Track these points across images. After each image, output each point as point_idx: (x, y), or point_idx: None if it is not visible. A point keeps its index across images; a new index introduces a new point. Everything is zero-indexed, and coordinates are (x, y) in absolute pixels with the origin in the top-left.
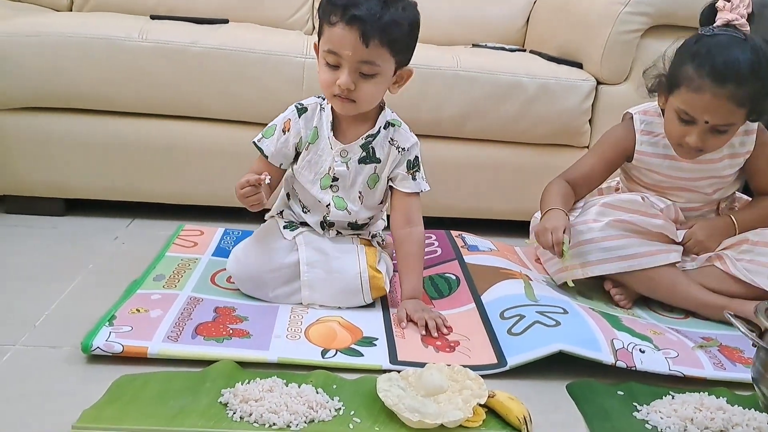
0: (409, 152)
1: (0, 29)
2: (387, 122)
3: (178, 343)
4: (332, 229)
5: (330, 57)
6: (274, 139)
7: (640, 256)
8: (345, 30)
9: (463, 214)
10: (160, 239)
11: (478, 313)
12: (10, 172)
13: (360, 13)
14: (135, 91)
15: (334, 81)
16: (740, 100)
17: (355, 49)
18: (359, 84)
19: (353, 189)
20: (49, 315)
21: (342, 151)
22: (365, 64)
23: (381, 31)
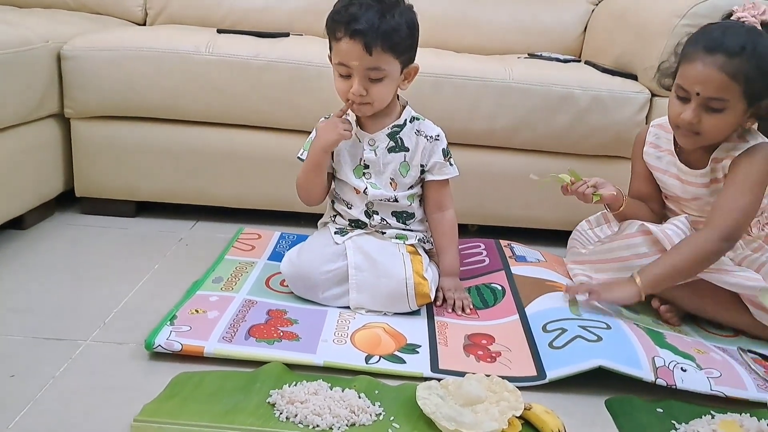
0: (440, 141)
1: (81, 44)
2: (411, 116)
3: (231, 343)
4: (377, 216)
5: (341, 68)
6: None
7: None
8: (350, 43)
9: (514, 223)
10: (220, 241)
11: (521, 325)
12: (87, 176)
13: (360, 26)
14: (202, 101)
15: (348, 89)
16: (732, 73)
17: (360, 58)
18: (370, 88)
19: (384, 175)
20: (117, 312)
21: (370, 140)
22: (372, 71)
23: (382, 39)
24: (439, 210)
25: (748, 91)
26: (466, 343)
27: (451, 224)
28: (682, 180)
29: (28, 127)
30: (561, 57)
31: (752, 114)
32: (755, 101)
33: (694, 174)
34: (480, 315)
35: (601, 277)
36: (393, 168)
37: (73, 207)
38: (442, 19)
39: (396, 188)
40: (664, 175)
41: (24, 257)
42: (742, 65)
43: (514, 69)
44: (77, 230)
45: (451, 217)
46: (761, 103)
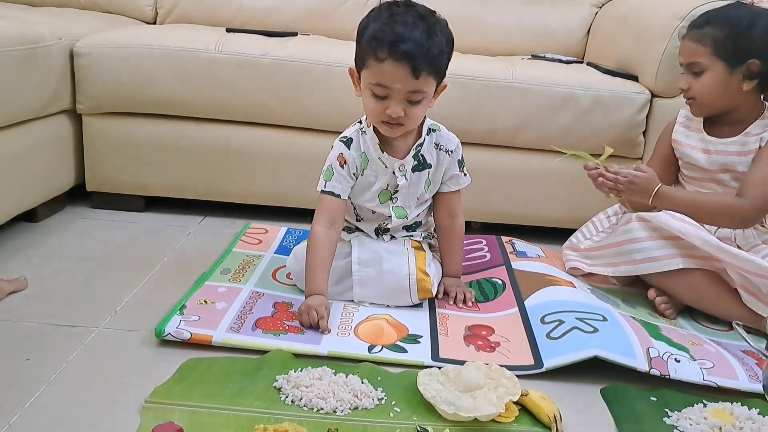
0: (456, 152)
1: (95, 41)
2: (428, 128)
3: (239, 333)
4: (386, 234)
5: (378, 89)
6: (339, 177)
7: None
8: (395, 66)
9: (515, 220)
10: (228, 236)
11: (521, 317)
12: (98, 171)
13: (409, 48)
14: (211, 99)
15: (383, 110)
16: (698, 38)
17: (405, 82)
18: (408, 110)
19: (412, 196)
20: (128, 301)
21: (400, 166)
22: (414, 94)
23: (429, 62)
24: (450, 217)
25: (718, 51)
26: (467, 333)
27: (460, 232)
28: (709, 151)
29: (41, 122)
30: (563, 58)
31: (746, 76)
32: (734, 61)
33: (723, 143)
34: (480, 308)
35: (595, 264)
36: (420, 187)
37: (84, 201)
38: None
39: (418, 203)
40: (692, 150)
41: (37, 248)
42: (708, 31)
43: (516, 69)
44: (88, 223)
45: (461, 225)
46: (747, 64)
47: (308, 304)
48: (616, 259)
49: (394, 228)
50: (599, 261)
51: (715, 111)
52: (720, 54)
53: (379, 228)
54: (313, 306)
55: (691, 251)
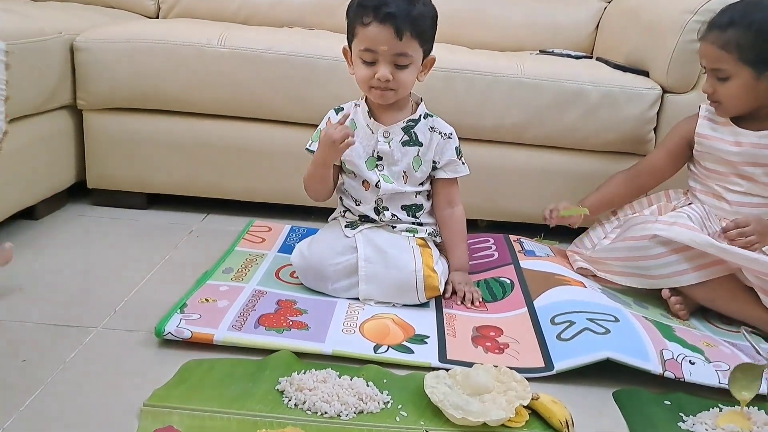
0: (452, 139)
1: (95, 36)
2: (425, 113)
3: (241, 331)
4: (387, 212)
5: (367, 54)
6: None
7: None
8: (379, 27)
9: (523, 218)
10: (231, 234)
11: (530, 318)
12: (99, 168)
13: (392, 10)
14: (213, 94)
15: (373, 75)
16: (722, 44)
17: (390, 43)
18: (396, 74)
19: (397, 167)
20: (128, 301)
21: (384, 131)
22: (400, 56)
23: (411, 24)
24: (449, 206)
25: (743, 57)
26: (474, 334)
27: (461, 221)
28: (741, 144)
29: (41, 117)
30: (573, 53)
31: None
32: (762, 65)
33: (756, 135)
34: (489, 308)
35: (604, 271)
36: (406, 161)
37: (85, 198)
38: (456, 16)
39: (407, 182)
40: (722, 143)
41: (36, 246)
42: (732, 36)
43: (525, 64)
44: (89, 221)
45: (461, 214)
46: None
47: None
48: (627, 271)
49: (392, 205)
50: (609, 269)
51: (742, 112)
52: (746, 60)
53: (378, 207)
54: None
55: (704, 260)
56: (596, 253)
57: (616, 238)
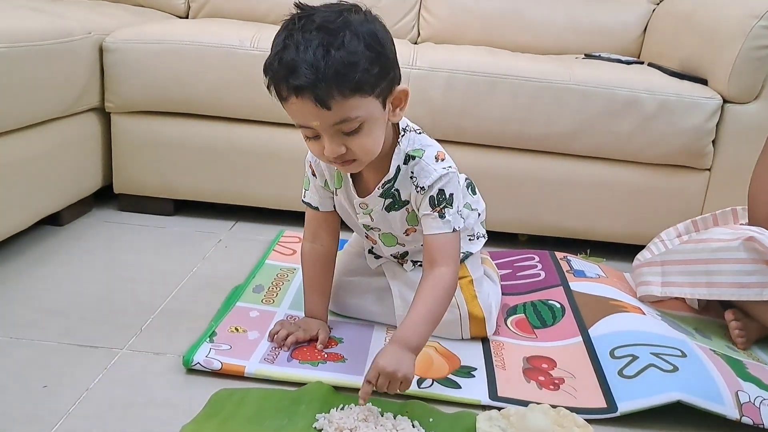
0: (431, 189)
1: (125, 36)
2: (406, 156)
3: (274, 364)
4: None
5: (305, 130)
6: (312, 187)
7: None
8: (298, 102)
9: (568, 233)
10: (260, 244)
11: (585, 349)
12: (126, 172)
13: (300, 81)
14: (245, 98)
15: (322, 151)
16: None
17: (320, 117)
18: (348, 144)
19: (392, 232)
20: (154, 319)
21: (361, 203)
22: (341, 124)
23: (336, 83)
24: (430, 266)
25: None
26: (526, 366)
27: (437, 286)
28: None
29: (68, 120)
30: (623, 58)
31: None
32: None
33: None
34: (538, 335)
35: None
36: (400, 224)
37: (111, 203)
38: (495, 18)
39: (415, 235)
40: None
41: (61, 255)
42: None
43: (574, 70)
44: (115, 228)
45: (441, 278)
46: None
47: (298, 324)
48: (697, 279)
49: (411, 250)
50: (675, 278)
51: None
52: None
53: (397, 255)
54: (301, 327)
55: None
56: (665, 255)
57: (689, 240)
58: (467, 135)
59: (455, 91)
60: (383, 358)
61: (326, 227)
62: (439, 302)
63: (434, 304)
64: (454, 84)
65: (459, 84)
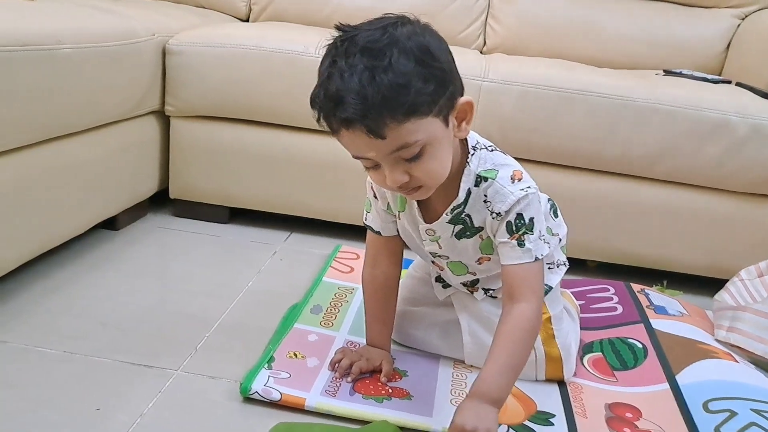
0: (508, 214)
1: (189, 39)
2: (477, 177)
3: (336, 398)
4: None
5: (363, 161)
6: (374, 210)
7: None
8: (350, 135)
9: (642, 262)
10: (316, 258)
11: (674, 398)
12: (182, 178)
13: (348, 113)
14: (306, 106)
15: (385, 180)
16: None
17: (375, 147)
18: (411, 170)
19: (463, 261)
20: (209, 338)
21: (428, 230)
22: (400, 151)
23: (388, 111)
24: (510, 300)
25: None
26: (608, 415)
27: (516, 326)
28: None
29: (128, 124)
30: (708, 76)
31: None
32: None
33: None
34: (618, 378)
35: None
36: (472, 252)
37: (166, 208)
38: (565, 28)
39: (489, 262)
40: None
41: (116, 262)
42: None
43: (657, 87)
44: (169, 234)
45: (520, 317)
46: None
47: (360, 353)
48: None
49: (481, 277)
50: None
51: None
52: None
53: (467, 283)
54: (364, 356)
55: None
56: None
57: None
58: (538, 152)
59: (528, 105)
60: (461, 416)
61: (387, 253)
62: (520, 346)
63: (516, 350)
64: (527, 98)
65: (533, 99)
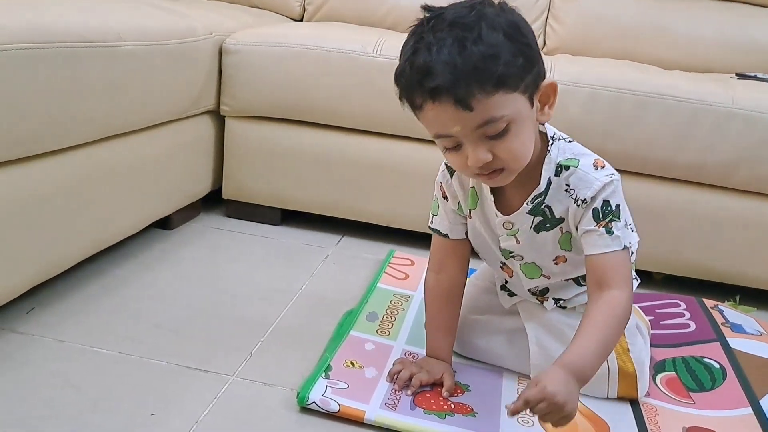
0: (594, 201)
1: (245, 38)
2: (557, 166)
3: (396, 412)
4: (547, 294)
5: (444, 141)
6: (442, 212)
7: None
8: (436, 108)
9: (714, 276)
10: (369, 263)
11: (759, 424)
12: (236, 178)
13: (437, 81)
14: (361, 107)
15: (465, 162)
16: None
17: (461, 120)
18: (495, 149)
19: (539, 259)
20: (264, 342)
21: (506, 223)
22: (486, 126)
23: (477, 81)
24: (598, 288)
25: None
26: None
27: (608, 311)
28: None
29: (183, 123)
30: None
31: None
32: None
33: None
34: (695, 400)
35: None
36: (551, 248)
37: (218, 208)
38: (632, 29)
39: (566, 261)
40: None
41: (169, 262)
42: None
43: (736, 92)
44: (222, 235)
45: (613, 302)
46: None
47: (419, 364)
48: None
49: (551, 285)
50: None
51: None
52: None
53: (536, 291)
54: (424, 368)
55: None
56: None
57: None
58: (607, 158)
59: (597, 108)
60: (554, 384)
61: (455, 257)
62: (612, 331)
63: (607, 334)
64: (597, 101)
65: (603, 101)
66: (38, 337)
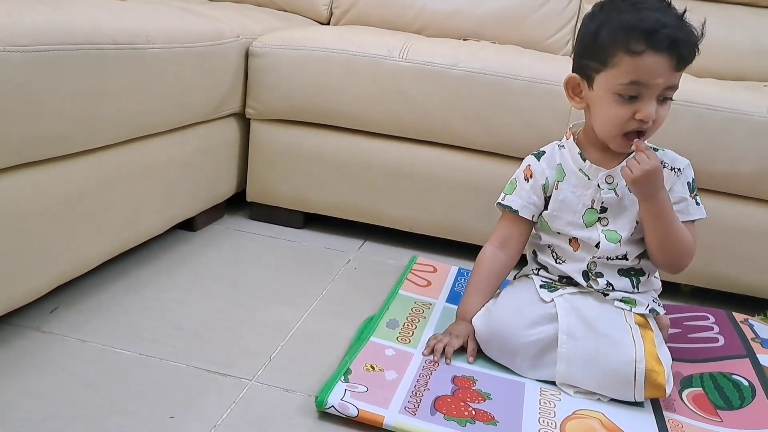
0: (686, 173)
1: (272, 41)
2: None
3: (416, 417)
4: (600, 279)
5: (631, 89)
6: (519, 191)
7: None
8: (656, 57)
9: (744, 290)
10: (391, 268)
11: None
12: (260, 181)
13: (678, 35)
14: (387, 112)
15: (631, 115)
16: None
17: (666, 75)
18: (658, 112)
19: (625, 217)
20: (284, 347)
21: (607, 176)
22: (669, 90)
23: (695, 51)
24: None
25: None
26: None
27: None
28: None
29: (209, 125)
30: None
31: None
32: None
33: None
34: (723, 418)
35: None
36: (635, 210)
37: (242, 210)
38: None
39: (632, 236)
40: None
41: (192, 264)
42: None
43: None
44: (245, 238)
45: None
46: None
47: (448, 331)
48: None
49: (607, 270)
50: None
51: None
52: None
53: (589, 270)
54: (452, 333)
55: None
56: None
57: None
58: None
59: None
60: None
61: (517, 236)
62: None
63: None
64: None
65: None
66: (61, 336)
